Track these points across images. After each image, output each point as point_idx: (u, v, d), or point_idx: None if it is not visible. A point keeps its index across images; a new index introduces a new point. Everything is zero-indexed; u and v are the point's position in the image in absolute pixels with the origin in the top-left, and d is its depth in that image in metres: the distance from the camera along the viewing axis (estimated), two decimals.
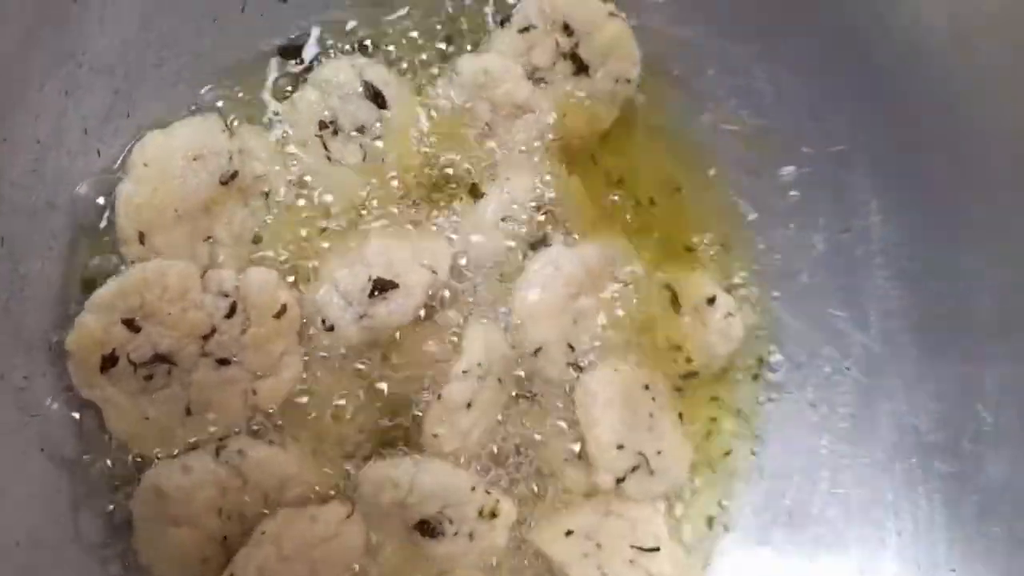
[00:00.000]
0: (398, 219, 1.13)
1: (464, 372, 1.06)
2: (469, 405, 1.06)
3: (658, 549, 1.13)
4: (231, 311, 1.00)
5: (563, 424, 1.16)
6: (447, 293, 1.12)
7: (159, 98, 1.05)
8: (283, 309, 1.02)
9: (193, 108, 1.08)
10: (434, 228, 1.14)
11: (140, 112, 1.03)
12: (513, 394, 1.14)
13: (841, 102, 1.19)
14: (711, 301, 1.22)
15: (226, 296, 1.00)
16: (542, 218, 1.17)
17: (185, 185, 1.02)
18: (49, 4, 0.90)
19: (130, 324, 0.96)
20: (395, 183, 1.13)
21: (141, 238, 1.00)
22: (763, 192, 1.26)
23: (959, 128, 1.10)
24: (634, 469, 1.15)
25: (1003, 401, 1.11)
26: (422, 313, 1.10)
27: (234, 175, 1.04)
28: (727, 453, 1.26)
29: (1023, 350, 1.10)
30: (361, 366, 1.09)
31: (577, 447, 1.15)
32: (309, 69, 1.14)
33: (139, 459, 1.01)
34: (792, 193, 1.25)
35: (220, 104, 1.10)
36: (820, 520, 1.22)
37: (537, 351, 1.13)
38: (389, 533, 1.06)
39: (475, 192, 1.15)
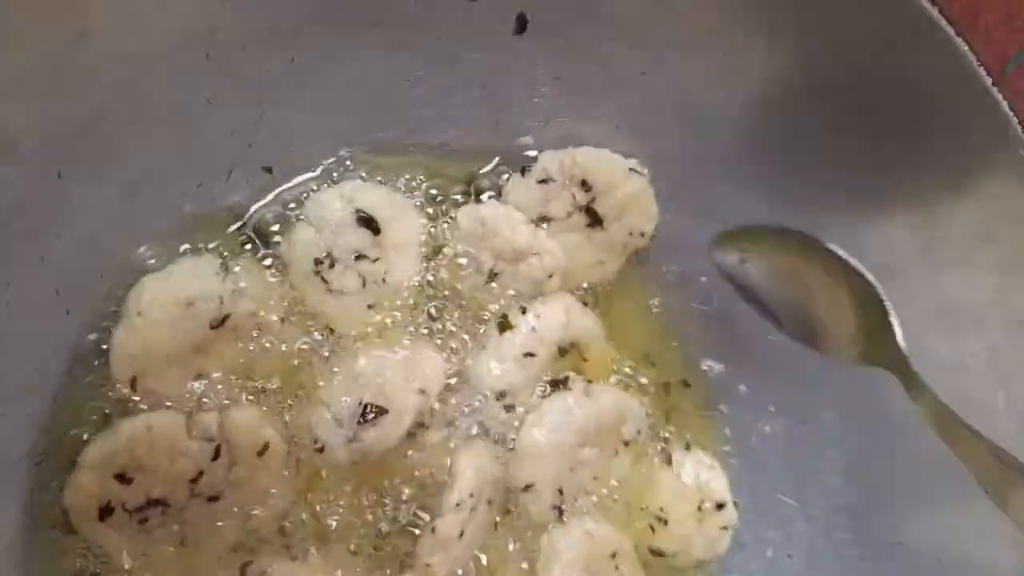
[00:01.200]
0: (394, 338, 1.14)
1: (457, 505, 1.07)
2: (461, 534, 1.08)
3: None
4: (216, 454, 1.03)
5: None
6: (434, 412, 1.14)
7: (136, 256, 1.06)
8: (265, 447, 1.05)
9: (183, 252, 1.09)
10: (437, 343, 1.16)
11: (115, 271, 1.04)
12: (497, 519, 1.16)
13: None
14: (720, 507, 1.23)
15: (211, 441, 1.02)
16: (562, 359, 1.19)
17: (177, 331, 1.03)
18: (33, 183, 0.90)
19: (122, 478, 0.99)
20: (396, 308, 1.15)
21: (133, 383, 1.03)
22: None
23: (919, 347, 1.08)
24: None
25: None
26: None
27: (225, 319, 1.06)
28: None
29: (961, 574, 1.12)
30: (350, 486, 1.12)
31: None
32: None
33: None
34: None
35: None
36: None
37: (528, 487, 1.14)
38: None
39: (503, 326, 1.16)
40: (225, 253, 1.11)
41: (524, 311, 1.17)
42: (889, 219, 1.10)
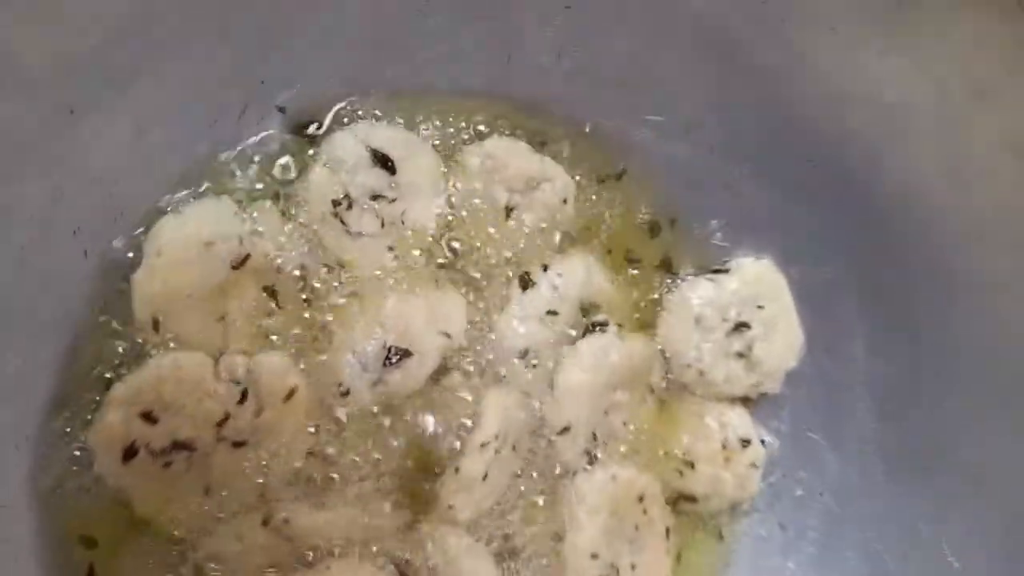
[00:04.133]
0: (417, 281, 1.14)
1: (482, 445, 1.07)
2: (485, 476, 1.07)
3: None
4: (243, 397, 1.02)
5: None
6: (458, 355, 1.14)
7: (151, 197, 1.05)
8: (291, 392, 1.04)
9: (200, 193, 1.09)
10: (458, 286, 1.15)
11: (131, 213, 1.04)
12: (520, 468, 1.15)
13: (834, 230, 1.19)
14: (745, 443, 1.21)
15: (238, 383, 1.02)
16: (582, 318, 1.18)
17: (197, 271, 1.03)
18: (46, 117, 0.90)
19: (148, 417, 0.99)
20: (416, 249, 1.14)
21: (156, 324, 1.02)
22: None
23: (950, 270, 1.10)
24: None
25: (970, 547, 1.11)
26: None
27: (246, 259, 1.05)
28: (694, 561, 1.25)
29: (995, 500, 1.10)
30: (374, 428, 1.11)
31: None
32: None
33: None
34: None
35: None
36: None
37: (564, 430, 1.13)
38: None
39: (524, 282, 1.16)
40: (241, 199, 1.10)
41: (545, 268, 1.16)
42: None
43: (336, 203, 1.10)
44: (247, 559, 1.03)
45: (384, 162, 1.11)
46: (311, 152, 1.13)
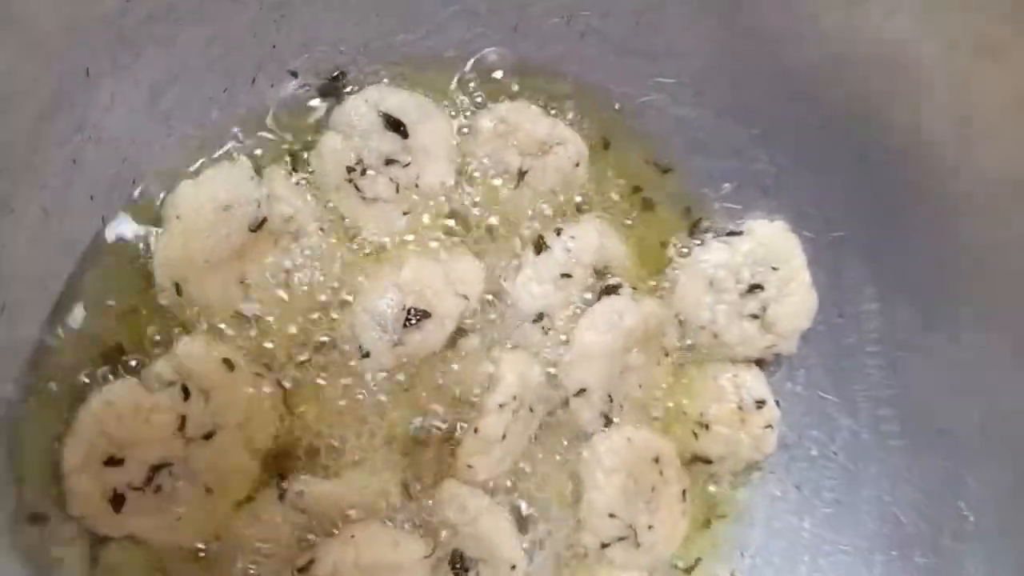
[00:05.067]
0: (432, 245, 1.14)
1: (500, 406, 1.07)
2: (503, 436, 1.08)
3: None
4: (186, 394, 1.01)
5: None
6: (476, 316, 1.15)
7: (167, 162, 1.05)
8: (228, 364, 1.03)
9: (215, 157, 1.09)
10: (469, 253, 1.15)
11: (147, 179, 1.04)
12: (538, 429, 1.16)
13: (842, 190, 1.20)
14: (760, 404, 1.22)
15: (172, 384, 1.01)
16: (596, 281, 1.19)
17: (216, 235, 1.03)
18: (63, 81, 0.90)
19: (112, 462, 0.98)
20: (430, 213, 1.15)
21: (177, 288, 1.03)
22: None
23: (959, 228, 1.11)
24: (621, 539, 1.16)
25: (985, 501, 1.12)
26: None
27: (263, 222, 1.05)
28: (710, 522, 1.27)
29: (1009, 454, 1.11)
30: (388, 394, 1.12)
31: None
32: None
33: None
34: None
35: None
36: None
37: (580, 392, 1.14)
38: None
39: (538, 245, 1.16)
40: (256, 163, 1.10)
41: (559, 232, 1.17)
42: None
43: (350, 169, 1.10)
44: (271, 537, 1.04)
45: (397, 126, 1.11)
46: (324, 117, 1.13)
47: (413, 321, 1.07)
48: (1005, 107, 1.04)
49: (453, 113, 1.17)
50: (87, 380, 1.01)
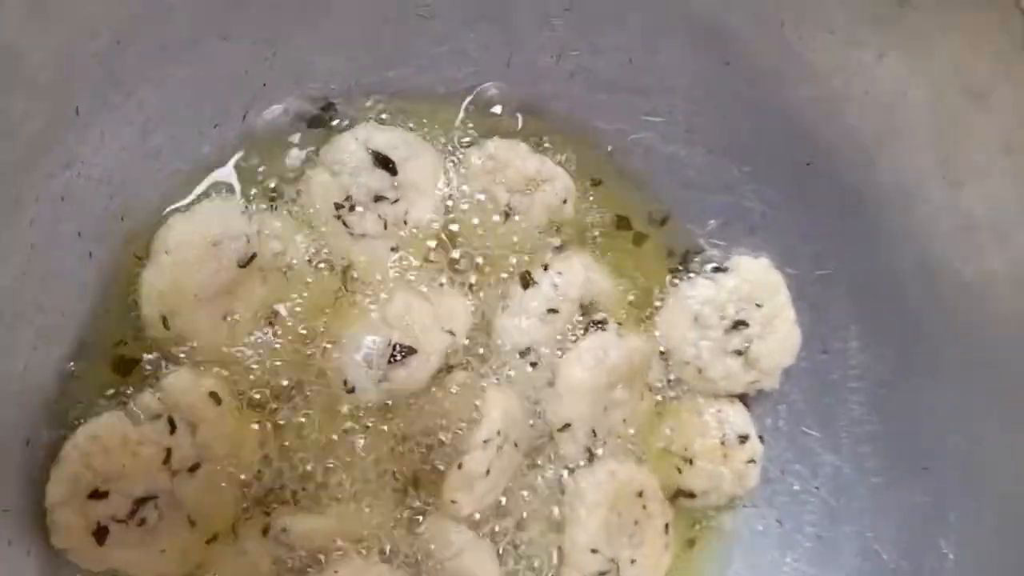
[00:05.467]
0: (420, 281, 1.15)
1: (485, 442, 1.08)
2: (487, 472, 1.08)
3: None
4: (172, 427, 1.01)
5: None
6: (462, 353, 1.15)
7: (157, 197, 1.06)
8: (215, 398, 1.04)
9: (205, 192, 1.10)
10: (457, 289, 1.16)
11: (137, 214, 1.04)
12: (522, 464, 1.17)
13: (829, 229, 1.21)
14: (743, 439, 1.23)
15: (158, 417, 1.01)
16: (582, 317, 1.19)
17: (205, 270, 1.03)
18: (54, 118, 0.90)
19: (96, 495, 0.98)
20: (418, 249, 1.15)
21: (164, 322, 1.03)
22: None
23: (942, 267, 1.12)
24: (603, 573, 1.16)
25: (965, 539, 1.13)
26: None
27: (252, 257, 1.06)
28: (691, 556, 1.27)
29: (988, 492, 1.12)
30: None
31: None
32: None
33: None
34: None
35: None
36: None
37: (565, 427, 1.15)
38: None
39: (525, 280, 1.17)
40: (246, 199, 1.11)
41: (545, 268, 1.18)
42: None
43: (338, 206, 1.11)
44: (254, 572, 1.05)
45: (385, 163, 1.11)
46: (314, 152, 1.14)
47: (399, 357, 1.08)
48: (991, 148, 1.05)
49: (450, 148, 1.18)
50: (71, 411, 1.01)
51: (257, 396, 1.08)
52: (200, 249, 1.03)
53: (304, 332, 1.10)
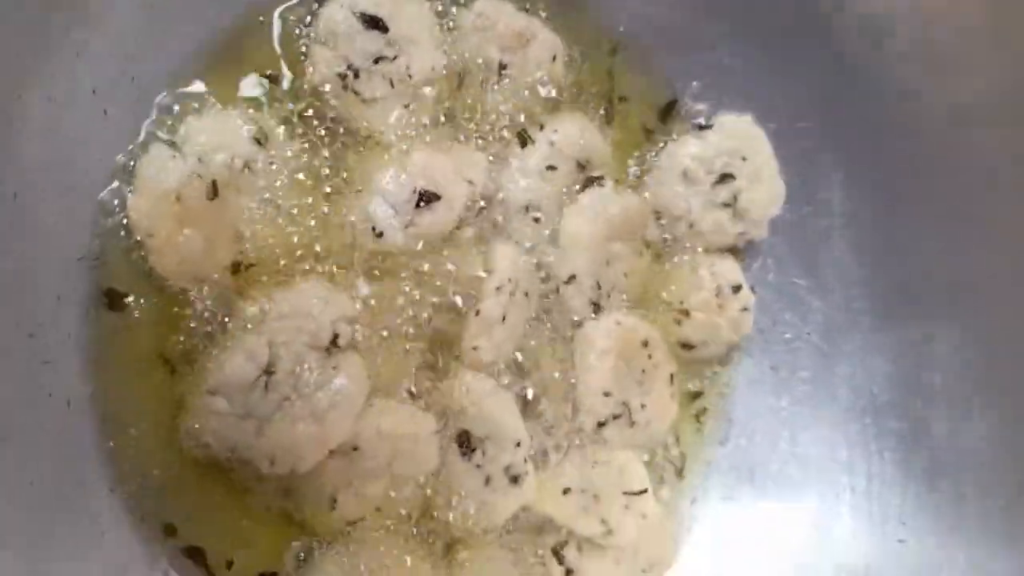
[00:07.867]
0: (435, 136, 1.19)
1: (497, 288, 1.13)
2: (504, 319, 1.13)
3: (646, 490, 1.21)
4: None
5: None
6: (481, 204, 1.19)
7: (164, 62, 1.09)
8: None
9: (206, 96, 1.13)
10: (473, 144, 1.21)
11: (146, 78, 1.07)
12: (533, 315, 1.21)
13: (808, 81, 1.26)
14: (736, 289, 1.28)
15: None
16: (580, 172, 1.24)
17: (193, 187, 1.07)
18: None
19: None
20: (426, 110, 1.18)
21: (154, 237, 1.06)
22: None
23: (920, 112, 1.18)
24: (616, 417, 1.21)
25: (951, 365, 1.20)
26: None
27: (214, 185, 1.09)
28: (699, 414, 1.33)
29: (970, 319, 1.19)
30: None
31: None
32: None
33: None
34: None
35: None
36: (780, 477, 1.30)
37: (570, 279, 1.20)
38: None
39: (522, 138, 1.21)
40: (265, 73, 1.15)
41: (541, 127, 1.22)
42: None
43: (343, 76, 1.14)
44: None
45: (375, 23, 1.14)
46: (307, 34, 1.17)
47: (424, 203, 1.12)
48: None
49: (440, 8, 1.21)
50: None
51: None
52: (186, 166, 1.08)
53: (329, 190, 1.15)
